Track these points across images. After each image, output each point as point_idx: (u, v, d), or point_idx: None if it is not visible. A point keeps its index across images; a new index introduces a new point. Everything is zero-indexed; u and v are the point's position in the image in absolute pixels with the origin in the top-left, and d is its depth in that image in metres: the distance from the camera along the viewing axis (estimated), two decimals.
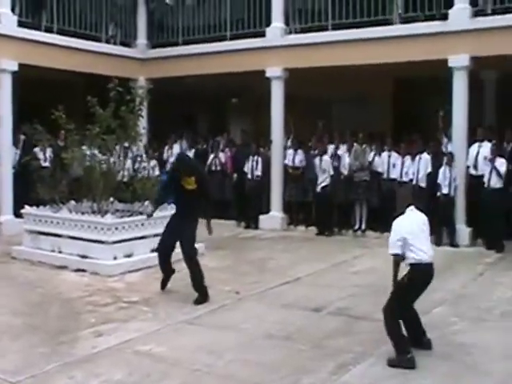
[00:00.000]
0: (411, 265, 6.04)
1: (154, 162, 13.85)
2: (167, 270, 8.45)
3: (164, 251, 8.36)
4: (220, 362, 5.95)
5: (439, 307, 7.92)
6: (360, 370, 5.80)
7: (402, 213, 6.26)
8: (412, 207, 6.30)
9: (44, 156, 13.84)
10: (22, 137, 13.85)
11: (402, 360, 5.80)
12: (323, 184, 13.42)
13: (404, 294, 6.10)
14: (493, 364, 5.94)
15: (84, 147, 10.88)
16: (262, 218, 14.37)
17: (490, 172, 11.71)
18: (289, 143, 14.71)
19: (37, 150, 13.70)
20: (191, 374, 5.69)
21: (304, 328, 7.01)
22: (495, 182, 11.69)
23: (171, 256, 8.38)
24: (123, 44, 16.12)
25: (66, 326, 6.95)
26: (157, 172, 13.40)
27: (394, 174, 12.87)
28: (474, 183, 12.17)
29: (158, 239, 10.09)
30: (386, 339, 6.02)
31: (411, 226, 6.10)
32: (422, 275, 6.09)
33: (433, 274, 6.18)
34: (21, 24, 13.45)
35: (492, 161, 11.75)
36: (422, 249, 6.05)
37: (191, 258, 8.16)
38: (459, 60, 12.10)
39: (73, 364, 5.87)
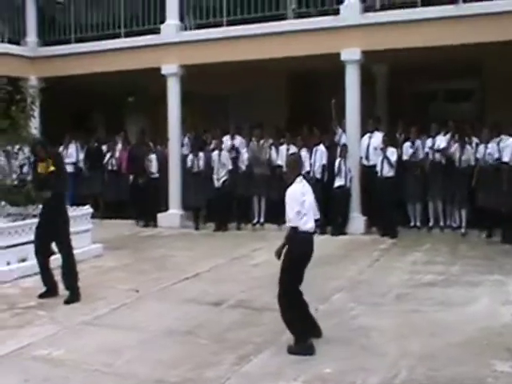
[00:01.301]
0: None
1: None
2: (46, 275, 8.22)
3: (39, 251, 8.21)
4: (120, 361, 5.86)
5: (338, 294, 8.13)
6: (261, 359, 5.85)
7: (292, 183, 6.13)
8: (301, 177, 6.20)
9: None
10: None
11: (302, 347, 5.90)
12: (223, 179, 13.45)
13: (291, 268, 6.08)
14: (388, 345, 6.14)
15: None
16: (160, 216, 14.26)
17: (382, 161, 12.11)
18: (186, 140, 14.64)
19: None
20: (90, 375, 5.57)
21: (205, 322, 7.01)
22: (387, 171, 12.11)
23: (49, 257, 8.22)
24: (11, 42, 15.59)
25: None
26: None
27: None
28: (367, 173, 12.55)
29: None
30: (285, 329, 6.11)
31: (304, 196, 6.02)
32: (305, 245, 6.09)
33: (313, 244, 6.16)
34: None
35: (384, 150, 12.14)
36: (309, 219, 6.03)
37: (66, 259, 8.08)
38: (351, 54, 12.44)
39: None
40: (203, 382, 5.35)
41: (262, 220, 13.45)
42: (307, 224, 6.03)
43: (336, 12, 12.66)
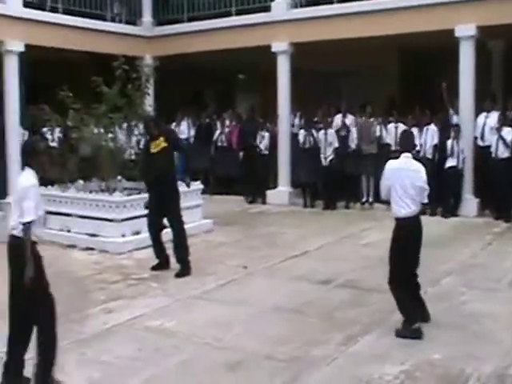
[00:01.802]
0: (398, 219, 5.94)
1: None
2: (159, 248, 8.51)
3: (152, 226, 8.47)
4: (229, 335, 6.00)
5: (448, 277, 7.97)
6: (368, 340, 5.84)
7: (397, 157, 6.06)
8: (408, 154, 6.09)
9: (52, 136, 13.84)
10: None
11: (409, 330, 5.82)
12: (330, 157, 13.38)
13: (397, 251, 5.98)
14: (502, 333, 5.96)
15: (91, 126, 10.89)
16: (269, 193, 14.38)
17: (497, 141, 11.66)
18: (296, 121, 14.64)
19: (45, 130, 13.70)
20: (201, 347, 5.75)
21: (313, 301, 7.04)
22: (502, 152, 11.65)
23: (161, 231, 8.48)
24: (129, 22, 16.08)
25: (76, 304, 6.99)
26: None
27: None
28: (481, 154, 12.13)
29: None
30: (394, 310, 6.05)
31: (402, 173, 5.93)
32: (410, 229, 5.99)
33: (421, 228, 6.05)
34: (26, 4, 13.47)
35: (499, 130, 11.69)
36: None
37: (178, 233, 8.33)
38: (466, 30, 12.01)
39: (84, 341, 5.93)
40: (310, 361, 5.38)
41: (370, 199, 13.28)
42: (404, 209, 5.92)
43: None
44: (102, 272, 8.40)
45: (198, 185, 11.36)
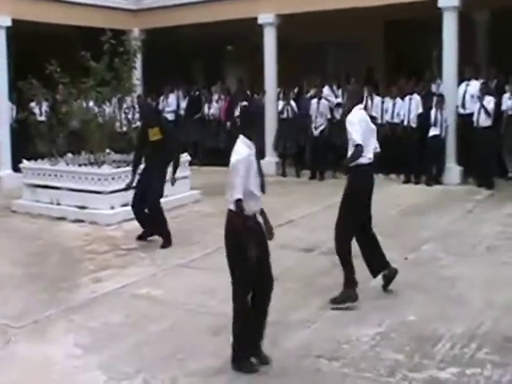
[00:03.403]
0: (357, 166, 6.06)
1: None
2: (143, 223, 8.66)
3: (136, 205, 8.59)
4: (213, 301, 6.24)
5: (428, 244, 8.21)
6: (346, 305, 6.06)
7: (350, 110, 6.17)
8: (361, 105, 6.24)
9: (40, 110, 13.94)
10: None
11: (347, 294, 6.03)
12: (321, 128, 13.50)
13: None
14: (474, 296, 6.22)
15: (80, 100, 11.03)
16: None
17: (479, 111, 11.84)
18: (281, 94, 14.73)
19: (33, 104, 13.79)
20: (186, 313, 6.00)
21: (294, 268, 7.28)
22: (484, 120, 11.82)
23: (144, 209, 8.57)
24: None
25: (65, 274, 7.24)
26: None
27: (387, 118, 13.02)
28: (463, 122, 12.33)
29: None
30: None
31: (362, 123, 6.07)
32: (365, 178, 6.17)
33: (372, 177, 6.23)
34: None
35: (480, 99, 11.86)
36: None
37: (152, 208, 8.44)
38: (449, 0, 12.10)
39: (73, 309, 6.17)
40: (290, 324, 5.63)
41: None
42: (366, 155, 6.06)
43: None
44: (91, 243, 8.61)
45: (185, 156, 11.51)
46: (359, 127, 5.98)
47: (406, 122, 12.50)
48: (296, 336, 5.42)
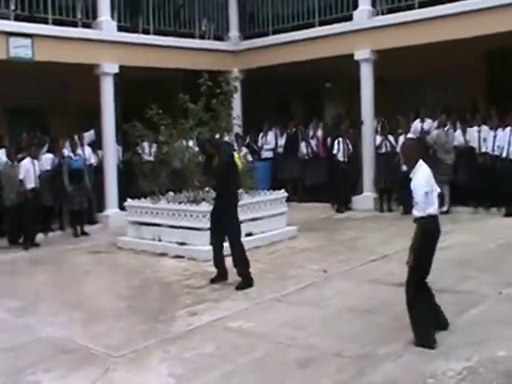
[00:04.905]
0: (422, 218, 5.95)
1: (245, 150, 14.31)
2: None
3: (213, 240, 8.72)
4: (303, 334, 6.36)
5: None
6: (436, 338, 6.01)
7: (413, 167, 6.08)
8: (421, 161, 6.12)
9: (149, 151, 14.61)
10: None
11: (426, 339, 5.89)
12: None
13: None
14: None
15: (180, 140, 11.51)
16: (355, 198, 14.64)
17: None
18: (378, 127, 14.76)
19: (145, 144, 14.42)
20: (276, 346, 6.14)
21: (386, 302, 7.28)
22: None
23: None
24: (216, 38, 16.71)
25: (164, 307, 7.57)
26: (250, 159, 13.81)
27: (486, 148, 12.80)
28: None
29: (254, 224, 10.65)
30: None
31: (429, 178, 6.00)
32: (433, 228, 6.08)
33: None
34: (120, 28, 14.36)
35: None
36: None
37: (233, 244, 8.47)
38: None
39: (169, 340, 6.44)
40: (377, 358, 5.67)
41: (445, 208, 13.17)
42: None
43: None
44: (189, 278, 8.93)
45: (282, 193, 11.75)
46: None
47: (504, 154, 12.22)
48: (382, 369, 5.44)
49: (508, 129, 12.44)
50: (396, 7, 14.22)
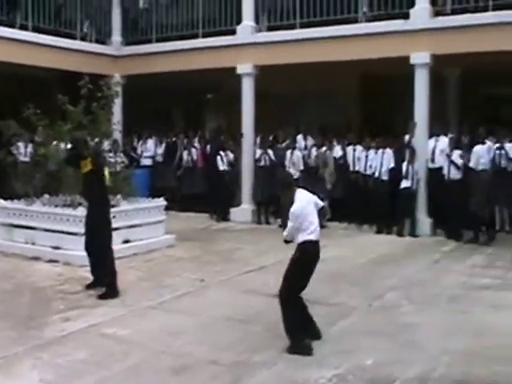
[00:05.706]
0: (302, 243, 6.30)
1: (121, 157, 14.11)
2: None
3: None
4: (178, 342, 6.38)
5: (392, 292, 8.41)
6: None
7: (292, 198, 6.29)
8: (300, 189, 6.39)
9: (25, 151, 14.10)
10: None
11: (299, 346, 6.14)
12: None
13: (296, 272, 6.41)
14: (430, 342, 6.42)
15: (56, 142, 11.23)
16: (233, 210, 14.82)
17: (448, 165, 12.19)
18: (257, 140, 15.03)
19: (20, 144, 13.88)
20: (151, 353, 6.11)
21: (261, 312, 7.43)
22: (454, 174, 12.15)
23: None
24: (98, 41, 16.44)
25: (35, 313, 7.33)
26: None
27: (359, 167, 13.40)
28: (433, 175, 12.67)
29: (131, 231, 10.58)
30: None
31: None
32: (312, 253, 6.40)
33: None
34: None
35: (449, 155, 12.22)
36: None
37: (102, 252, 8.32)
38: (420, 57, 12.58)
39: (40, 346, 6.25)
40: (252, 365, 5.79)
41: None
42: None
43: (406, 16, 12.80)
44: (63, 283, 8.70)
45: (161, 201, 11.71)
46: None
47: (377, 174, 12.84)
48: (257, 376, 5.56)
49: (380, 151, 13.03)
50: (278, 25, 14.56)
